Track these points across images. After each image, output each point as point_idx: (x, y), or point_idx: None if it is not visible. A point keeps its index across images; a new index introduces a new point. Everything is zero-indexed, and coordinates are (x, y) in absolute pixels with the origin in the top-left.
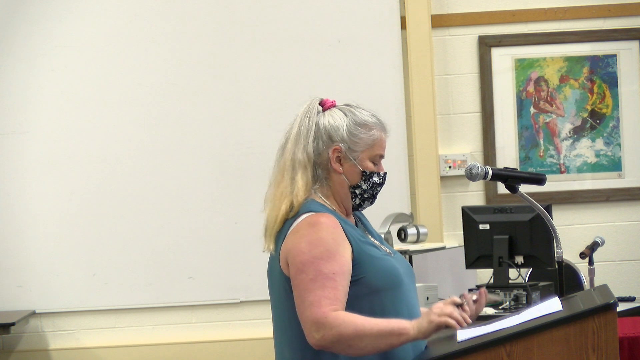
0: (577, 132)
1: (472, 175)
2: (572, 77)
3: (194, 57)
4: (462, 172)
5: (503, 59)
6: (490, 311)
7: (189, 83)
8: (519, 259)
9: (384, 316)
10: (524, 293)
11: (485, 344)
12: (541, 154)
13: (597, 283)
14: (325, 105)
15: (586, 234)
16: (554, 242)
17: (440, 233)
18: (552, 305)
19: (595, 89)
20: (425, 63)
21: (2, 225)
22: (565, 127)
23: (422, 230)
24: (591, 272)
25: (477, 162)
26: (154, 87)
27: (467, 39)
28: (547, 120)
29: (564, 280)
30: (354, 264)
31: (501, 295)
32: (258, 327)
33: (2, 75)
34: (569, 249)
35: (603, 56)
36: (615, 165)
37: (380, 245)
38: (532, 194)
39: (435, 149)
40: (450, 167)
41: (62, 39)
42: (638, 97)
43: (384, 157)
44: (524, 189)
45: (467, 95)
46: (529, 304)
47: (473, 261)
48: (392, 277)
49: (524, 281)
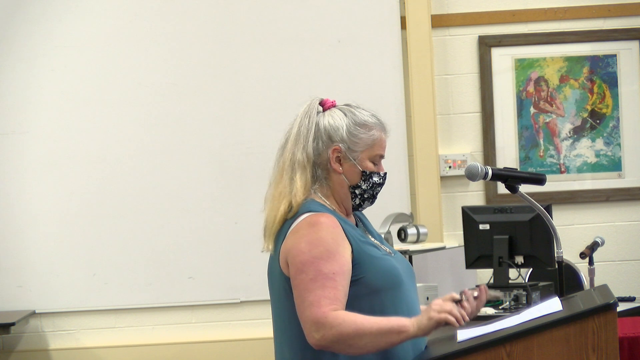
0: (577, 132)
1: (472, 175)
2: (572, 77)
3: (194, 57)
4: (462, 172)
5: (503, 59)
6: (490, 311)
7: (189, 83)
8: (519, 259)
9: (383, 316)
10: (524, 293)
11: (485, 344)
12: (541, 154)
13: (597, 283)
14: (326, 106)
15: (586, 234)
16: (554, 242)
17: (440, 233)
18: (552, 305)
19: (595, 89)
20: (425, 63)
21: (2, 225)
22: (565, 127)
23: (422, 230)
24: (591, 272)
25: (477, 162)
26: (154, 87)
27: (467, 39)
28: (547, 120)
29: (564, 280)
30: (354, 264)
31: (500, 293)
32: (258, 327)
33: (2, 75)
34: (569, 249)
35: (603, 56)
36: (615, 165)
37: (381, 245)
38: (532, 194)
39: (435, 149)
40: (450, 167)
41: (62, 39)
42: (638, 97)
43: (384, 157)
44: (524, 189)
45: (467, 95)
46: (529, 304)
47: (473, 261)
48: (392, 276)
49: (524, 281)
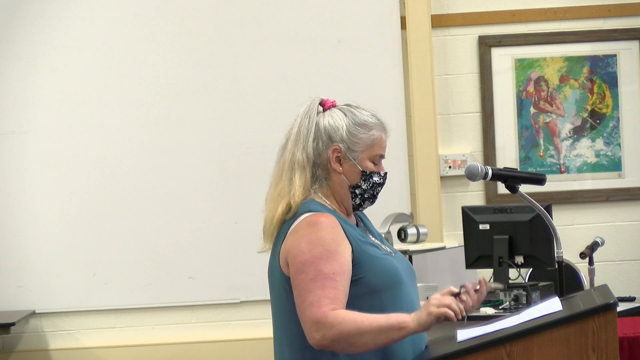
0: (577, 132)
1: (472, 175)
2: (572, 77)
3: (194, 57)
4: (462, 172)
5: (503, 59)
6: (490, 311)
7: (189, 83)
8: (519, 259)
9: None
10: (524, 293)
11: (485, 344)
12: (541, 154)
13: (597, 283)
14: (326, 106)
15: (586, 234)
16: (554, 242)
17: (440, 233)
18: (552, 305)
19: (595, 89)
20: (425, 63)
21: (2, 225)
22: (565, 127)
23: (422, 230)
24: (591, 272)
25: (477, 162)
26: (154, 87)
27: (467, 39)
28: (547, 120)
29: (564, 280)
30: (354, 264)
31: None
32: (258, 327)
33: (2, 75)
34: (569, 249)
35: (603, 56)
36: (615, 165)
37: (381, 245)
38: (532, 194)
39: (435, 149)
40: (450, 167)
41: (62, 39)
42: (638, 97)
43: (385, 157)
44: (524, 189)
45: (467, 95)
46: (529, 304)
47: (473, 261)
48: (392, 276)
49: (524, 281)
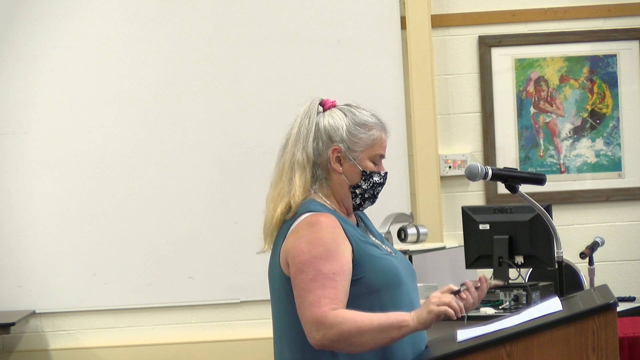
0: (577, 132)
1: (472, 175)
2: (572, 77)
3: (194, 57)
4: (462, 172)
5: (503, 59)
6: (490, 311)
7: (189, 83)
8: (519, 259)
9: None
10: (524, 293)
11: (485, 344)
12: (541, 154)
13: (597, 283)
14: (326, 106)
15: (586, 234)
16: (554, 242)
17: (440, 233)
18: (552, 305)
19: (595, 89)
20: (425, 63)
21: (2, 225)
22: (565, 127)
23: (422, 230)
24: (591, 272)
25: (477, 162)
26: (154, 87)
27: (467, 39)
28: (547, 120)
29: (564, 280)
30: (354, 264)
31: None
32: (258, 327)
33: (2, 75)
34: (569, 249)
35: (603, 56)
36: (615, 165)
37: (381, 245)
38: (532, 194)
39: (435, 149)
40: (450, 167)
41: (62, 39)
42: (638, 97)
43: (385, 156)
44: (524, 189)
45: (467, 95)
46: (529, 304)
47: (473, 261)
48: (392, 276)
49: (524, 281)
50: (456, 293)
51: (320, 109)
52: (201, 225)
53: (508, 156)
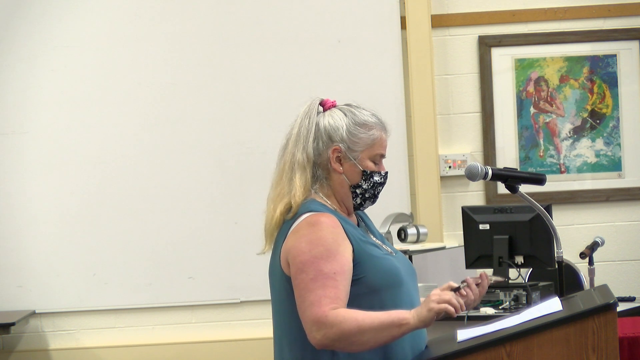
0: (577, 132)
1: (472, 175)
2: (572, 77)
3: (194, 57)
4: (462, 172)
5: (503, 59)
6: (490, 311)
7: (189, 83)
8: (519, 259)
9: None
10: (524, 293)
11: (485, 344)
12: (541, 154)
13: (597, 283)
14: (326, 106)
15: (586, 234)
16: (554, 242)
17: (440, 233)
18: (552, 305)
19: (595, 89)
20: (425, 63)
21: (2, 225)
22: (565, 127)
23: (422, 230)
24: (591, 272)
25: (477, 162)
26: (154, 87)
27: (467, 39)
28: (547, 120)
29: (564, 280)
30: (355, 264)
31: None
32: (258, 327)
33: (2, 75)
34: (569, 249)
35: (603, 56)
36: (615, 165)
37: (382, 245)
38: (532, 194)
39: (435, 149)
40: (450, 167)
41: (62, 39)
42: (638, 97)
43: (385, 156)
44: (524, 189)
45: (467, 95)
46: (529, 304)
47: (473, 261)
48: (393, 276)
49: (524, 281)
50: (456, 290)
51: (321, 109)
52: (201, 225)
53: (508, 156)
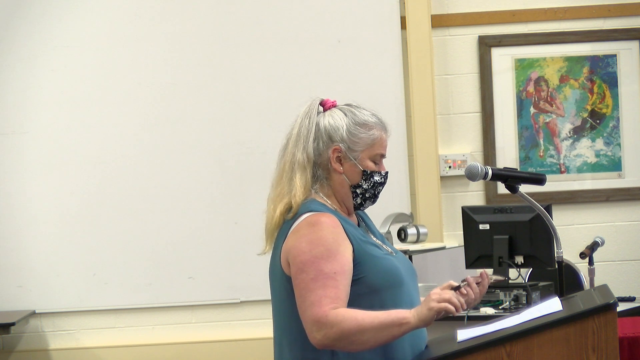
0: (577, 132)
1: (472, 175)
2: (572, 77)
3: (194, 57)
4: (462, 172)
5: (503, 59)
6: (490, 311)
7: (189, 83)
8: (519, 259)
9: None
10: (524, 293)
11: (485, 344)
12: (541, 154)
13: (597, 283)
14: (326, 106)
15: (586, 234)
16: (554, 242)
17: (440, 233)
18: (552, 305)
19: (595, 89)
20: (425, 63)
21: (2, 225)
22: (565, 127)
23: (422, 230)
24: (591, 272)
25: (477, 162)
26: (154, 87)
27: (467, 39)
28: (547, 120)
29: (564, 280)
30: (355, 264)
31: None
32: (258, 327)
33: (2, 75)
34: (569, 249)
35: (603, 56)
36: (615, 165)
37: (382, 245)
38: (532, 194)
39: (435, 149)
40: (450, 167)
41: (62, 39)
42: (638, 97)
43: (385, 156)
44: (524, 189)
45: (467, 95)
46: (529, 304)
47: (473, 261)
48: (393, 276)
49: (524, 281)
50: (456, 289)
51: (321, 109)
52: (201, 225)
53: (508, 156)
